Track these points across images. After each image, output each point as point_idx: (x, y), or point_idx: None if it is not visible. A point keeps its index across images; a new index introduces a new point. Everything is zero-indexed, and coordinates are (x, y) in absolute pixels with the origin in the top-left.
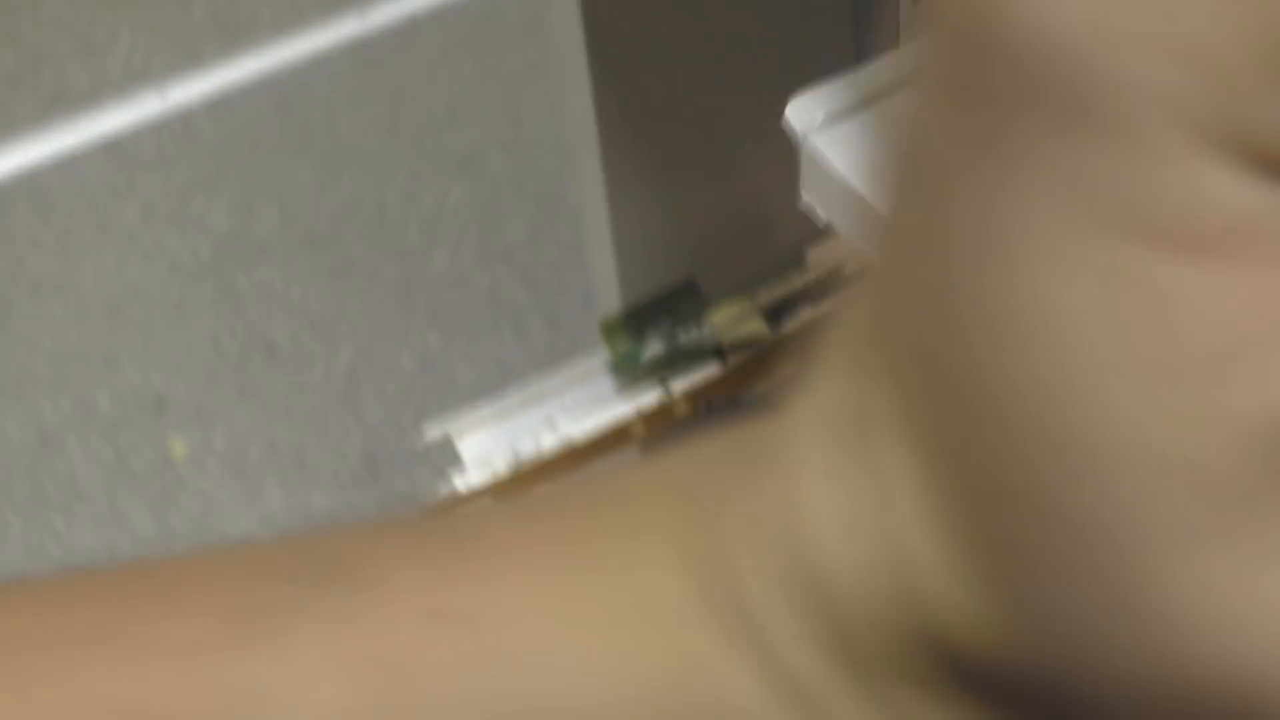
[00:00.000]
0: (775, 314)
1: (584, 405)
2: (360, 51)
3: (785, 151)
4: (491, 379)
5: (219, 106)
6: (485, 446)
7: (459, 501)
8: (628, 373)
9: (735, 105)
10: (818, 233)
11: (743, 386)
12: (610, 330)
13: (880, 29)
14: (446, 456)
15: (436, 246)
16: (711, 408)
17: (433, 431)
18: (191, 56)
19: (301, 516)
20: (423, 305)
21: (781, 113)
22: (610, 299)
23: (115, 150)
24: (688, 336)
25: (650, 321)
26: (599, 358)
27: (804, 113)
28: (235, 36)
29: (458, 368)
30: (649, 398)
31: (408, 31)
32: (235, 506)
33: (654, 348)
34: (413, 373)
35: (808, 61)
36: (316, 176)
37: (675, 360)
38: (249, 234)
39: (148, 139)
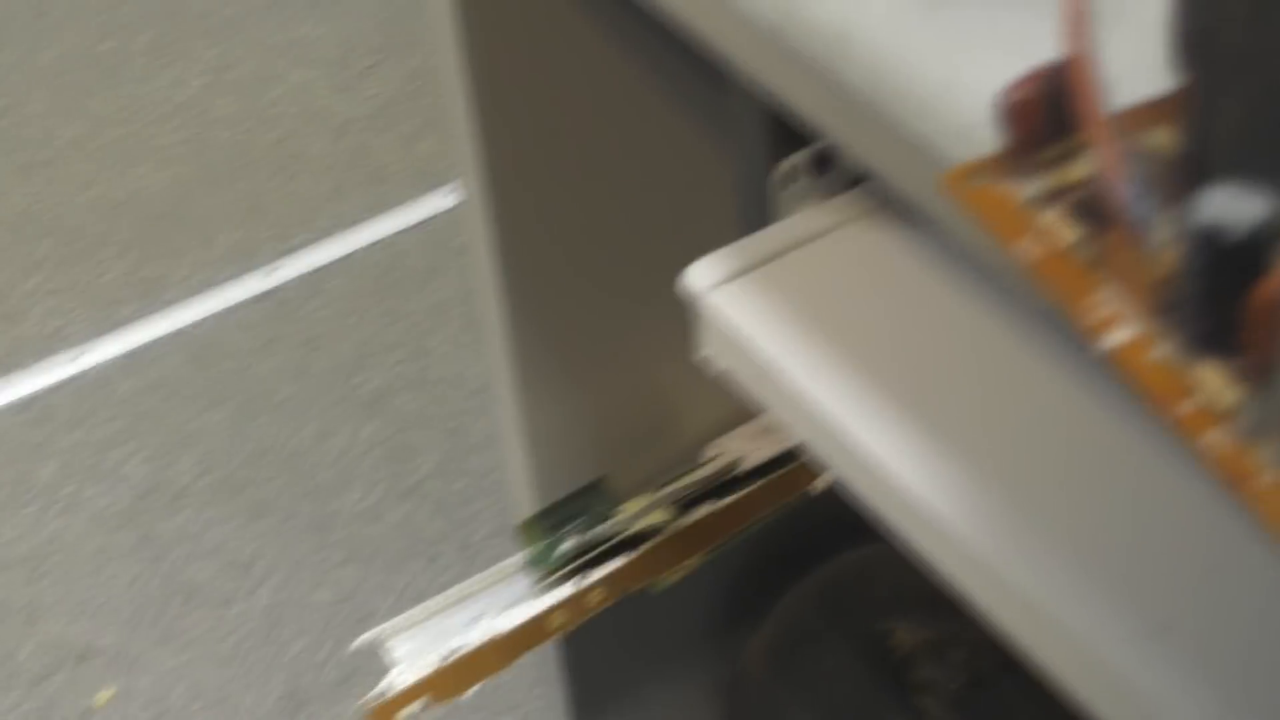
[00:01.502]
0: (681, 505)
1: (506, 602)
2: (269, 303)
3: (681, 354)
4: (408, 609)
5: (134, 362)
6: (414, 648)
7: (393, 700)
8: (544, 569)
9: (635, 318)
10: (716, 428)
11: (653, 574)
12: (526, 531)
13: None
14: (369, 683)
15: (349, 484)
16: (627, 595)
17: (362, 640)
18: (106, 316)
19: None
20: (338, 541)
21: (677, 320)
22: (526, 502)
23: (32, 410)
24: (598, 531)
25: (563, 520)
26: (518, 559)
27: (701, 275)
28: (148, 295)
29: (375, 599)
30: (566, 589)
31: (314, 282)
32: None
33: (567, 543)
34: (331, 606)
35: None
36: (231, 423)
37: (588, 554)
38: (166, 482)
39: (64, 397)
